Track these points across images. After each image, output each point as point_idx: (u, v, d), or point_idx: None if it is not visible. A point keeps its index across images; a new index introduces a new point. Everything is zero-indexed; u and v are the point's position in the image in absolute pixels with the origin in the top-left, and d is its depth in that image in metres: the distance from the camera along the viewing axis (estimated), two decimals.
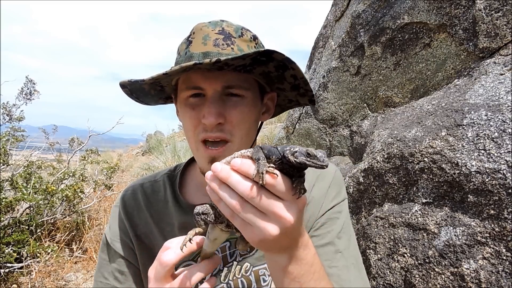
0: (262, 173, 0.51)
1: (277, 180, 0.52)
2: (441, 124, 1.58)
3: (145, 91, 0.87)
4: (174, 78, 0.85)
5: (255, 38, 0.84)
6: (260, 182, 0.51)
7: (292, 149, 0.52)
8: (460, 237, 1.36)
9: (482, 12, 1.70)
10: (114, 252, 0.93)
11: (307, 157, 0.50)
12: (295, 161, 0.51)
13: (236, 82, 0.79)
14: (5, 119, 5.05)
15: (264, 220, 0.54)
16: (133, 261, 0.93)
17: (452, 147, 1.47)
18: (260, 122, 0.93)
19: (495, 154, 1.34)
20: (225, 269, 0.87)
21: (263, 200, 0.53)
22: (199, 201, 0.91)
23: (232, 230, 0.64)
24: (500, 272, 1.24)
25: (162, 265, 0.65)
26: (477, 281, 1.28)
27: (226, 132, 0.79)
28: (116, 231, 0.94)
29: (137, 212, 0.94)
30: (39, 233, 4.05)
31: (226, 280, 0.87)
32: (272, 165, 0.53)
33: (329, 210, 0.90)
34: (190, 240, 0.66)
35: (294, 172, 0.54)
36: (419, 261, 1.46)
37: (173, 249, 0.66)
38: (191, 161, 1.03)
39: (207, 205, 0.64)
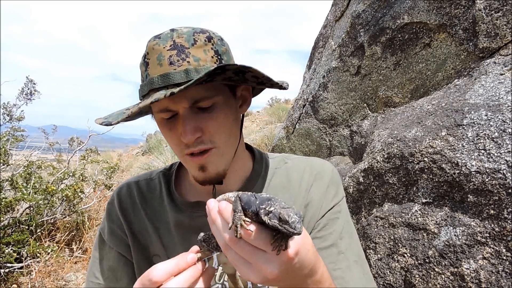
0: (237, 227, 0.51)
1: (251, 235, 0.51)
2: (441, 124, 1.58)
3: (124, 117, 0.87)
4: None
5: (209, 39, 0.80)
6: (235, 235, 0.51)
7: (268, 208, 0.50)
8: (460, 237, 1.36)
9: (482, 12, 1.70)
10: (109, 248, 0.91)
11: (279, 221, 0.48)
12: (268, 223, 0.49)
13: (202, 94, 0.78)
14: (5, 119, 5.06)
15: (248, 267, 0.54)
16: (130, 258, 0.92)
17: (452, 147, 1.47)
18: (241, 115, 0.92)
19: (495, 154, 1.34)
20: (220, 268, 0.87)
21: (242, 250, 0.53)
22: (195, 199, 0.91)
23: None
24: (500, 272, 1.24)
25: (150, 281, 0.62)
26: (477, 281, 1.28)
27: (206, 142, 0.79)
28: (112, 227, 0.93)
29: (132, 209, 0.94)
30: (39, 233, 4.05)
31: (221, 280, 0.87)
32: (248, 219, 0.52)
33: (329, 210, 0.90)
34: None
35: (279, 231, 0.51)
36: (419, 261, 1.46)
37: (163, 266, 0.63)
38: None
39: (209, 233, 0.63)
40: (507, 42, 1.63)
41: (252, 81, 0.81)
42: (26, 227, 3.89)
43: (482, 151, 1.37)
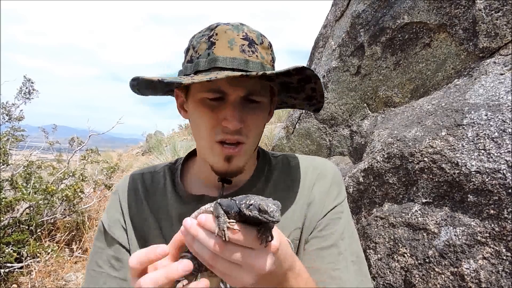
0: (224, 230, 0.53)
1: (239, 234, 0.54)
2: (441, 124, 1.58)
3: (151, 85, 0.87)
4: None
5: (270, 45, 0.86)
6: (223, 238, 0.54)
7: (248, 202, 0.53)
8: (460, 237, 1.36)
9: (482, 12, 1.70)
10: (111, 238, 0.91)
11: (259, 212, 0.51)
12: (249, 214, 0.52)
13: (258, 88, 0.81)
14: (4, 119, 5.05)
15: (239, 270, 0.56)
16: (130, 248, 0.92)
17: (452, 147, 1.47)
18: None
19: (495, 154, 1.34)
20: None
21: (231, 254, 0.55)
22: (200, 193, 0.91)
23: None
24: (500, 272, 1.24)
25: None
26: (477, 281, 1.28)
27: (243, 135, 0.81)
28: (114, 217, 0.93)
29: (135, 201, 0.94)
30: (39, 233, 4.05)
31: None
32: (232, 220, 0.55)
33: (331, 210, 0.90)
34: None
35: (260, 221, 0.55)
36: (419, 261, 1.46)
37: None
38: (191, 155, 1.03)
39: (188, 257, 0.63)
40: (507, 42, 1.63)
41: (306, 93, 0.87)
42: (26, 227, 3.89)
43: (482, 151, 1.37)
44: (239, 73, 0.70)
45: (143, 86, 0.87)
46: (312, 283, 0.71)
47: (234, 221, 0.55)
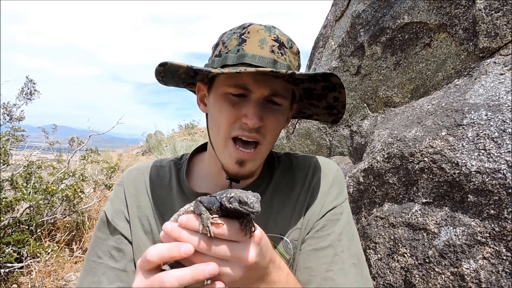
0: (208, 226, 0.54)
1: (223, 228, 0.55)
2: (441, 124, 1.58)
3: (177, 74, 0.88)
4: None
5: (298, 52, 0.87)
6: (208, 235, 0.54)
7: (228, 195, 0.55)
8: (460, 237, 1.36)
9: (482, 12, 1.70)
10: (113, 229, 0.91)
11: (239, 203, 0.53)
12: (230, 207, 0.54)
13: (281, 90, 0.82)
14: (5, 119, 5.05)
15: (226, 265, 0.56)
16: (131, 240, 0.92)
17: (452, 147, 1.47)
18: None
19: (495, 154, 1.34)
20: None
21: (217, 250, 0.55)
22: (204, 191, 0.91)
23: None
24: (500, 272, 1.24)
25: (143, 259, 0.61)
26: (477, 281, 1.28)
27: (261, 134, 0.82)
28: (118, 208, 0.93)
29: (139, 193, 0.94)
30: (39, 233, 4.04)
31: None
32: (215, 215, 0.56)
33: (330, 210, 0.90)
34: None
35: (240, 214, 0.56)
36: (419, 261, 1.46)
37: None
38: (197, 151, 1.03)
39: (167, 266, 0.62)
40: (507, 42, 1.63)
41: (328, 101, 0.88)
42: (26, 227, 3.89)
43: (482, 151, 1.37)
44: (269, 69, 0.70)
45: (169, 74, 0.87)
46: (292, 276, 0.72)
47: (217, 216, 0.56)
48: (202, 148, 1.04)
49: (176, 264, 0.60)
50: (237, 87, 0.80)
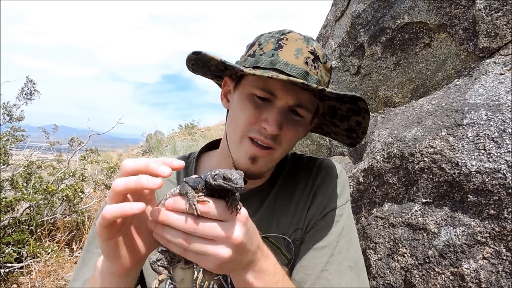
0: (194, 205, 0.54)
1: (209, 206, 0.55)
2: (441, 124, 1.58)
3: (207, 65, 0.88)
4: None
5: (332, 68, 0.89)
6: (195, 213, 0.54)
7: (213, 173, 0.56)
8: (460, 237, 1.36)
9: (482, 12, 1.70)
10: None
11: (223, 180, 0.54)
12: (214, 183, 0.54)
13: (306, 103, 0.82)
14: (5, 119, 5.05)
15: (214, 245, 0.56)
16: None
17: (452, 147, 1.47)
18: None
19: (495, 154, 1.34)
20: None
21: (204, 228, 0.55)
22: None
23: (192, 265, 0.65)
24: (500, 272, 1.24)
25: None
26: (477, 281, 1.28)
27: (277, 141, 0.82)
28: None
29: None
30: (39, 233, 4.04)
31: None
32: (201, 194, 0.56)
33: (330, 211, 0.90)
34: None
35: (225, 193, 0.57)
36: (419, 261, 1.46)
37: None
38: (205, 150, 1.03)
39: (157, 252, 0.63)
40: (507, 42, 1.63)
41: (350, 124, 0.89)
42: (26, 227, 3.89)
43: (482, 151, 1.37)
44: (301, 81, 0.70)
45: (200, 63, 0.87)
46: (279, 267, 0.71)
47: (203, 194, 0.56)
48: (209, 147, 1.04)
49: (167, 250, 0.61)
50: (264, 90, 0.80)
